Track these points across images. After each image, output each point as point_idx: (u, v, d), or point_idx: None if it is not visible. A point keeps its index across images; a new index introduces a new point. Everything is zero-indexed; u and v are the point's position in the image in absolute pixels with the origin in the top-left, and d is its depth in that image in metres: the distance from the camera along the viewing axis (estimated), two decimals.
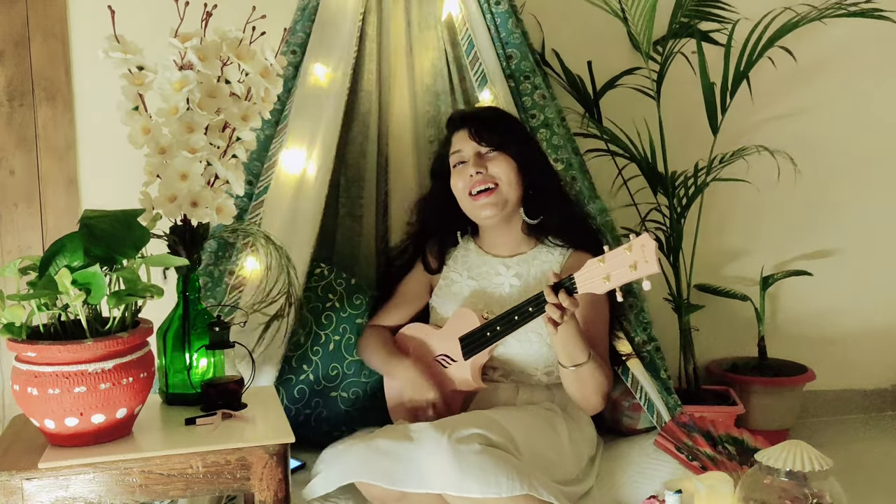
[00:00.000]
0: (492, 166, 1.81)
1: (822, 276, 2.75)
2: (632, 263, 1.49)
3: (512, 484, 1.43)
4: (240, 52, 1.43)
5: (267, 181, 1.89)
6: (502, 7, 2.01)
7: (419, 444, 1.50)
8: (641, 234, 1.49)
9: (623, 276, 1.51)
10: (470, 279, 1.90)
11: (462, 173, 1.83)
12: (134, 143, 1.42)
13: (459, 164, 1.85)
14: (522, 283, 1.85)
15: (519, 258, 1.89)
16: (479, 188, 1.80)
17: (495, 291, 1.86)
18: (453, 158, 1.86)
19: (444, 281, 1.95)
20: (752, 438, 1.80)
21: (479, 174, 1.79)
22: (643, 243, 1.48)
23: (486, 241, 1.93)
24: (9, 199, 2.32)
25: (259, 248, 1.75)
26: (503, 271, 1.88)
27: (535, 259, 1.87)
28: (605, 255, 1.53)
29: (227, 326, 1.46)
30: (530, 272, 1.86)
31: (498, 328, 1.73)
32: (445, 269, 1.96)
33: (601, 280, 1.54)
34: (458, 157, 1.85)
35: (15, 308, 1.23)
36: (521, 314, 1.68)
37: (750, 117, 2.64)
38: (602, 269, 1.54)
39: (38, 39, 2.29)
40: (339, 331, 1.97)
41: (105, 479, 1.25)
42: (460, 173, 1.84)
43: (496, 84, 2.00)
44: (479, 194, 1.81)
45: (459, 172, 1.84)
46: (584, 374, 1.67)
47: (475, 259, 1.92)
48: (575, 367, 1.66)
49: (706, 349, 2.69)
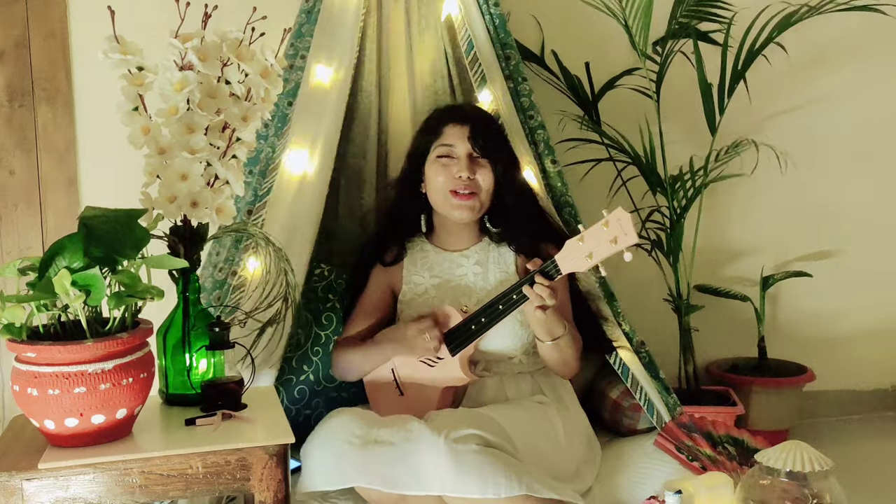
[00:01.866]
0: (479, 173, 1.85)
1: (822, 276, 2.75)
2: (612, 238, 1.54)
3: (510, 484, 1.43)
4: (240, 53, 1.43)
5: (270, 182, 1.89)
6: (501, 8, 2.01)
7: (416, 446, 1.50)
8: (615, 209, 1.54)
9: (605, 251, 1.56)
10: (433, 277, 1.93)
11: (447, 169, 1.85)
12: (134, 143, 1.42)
13: (445, 158, 1.86)
14: (483, 268, 1.91)
15: (475, 248, 1.95)
16: (464, 191, 1.83)
17: (461, 282, 1.91)
18: (440, 150, 1.87)
19: (407, 286, 1.96)
20: (752, 439, 1.80)
21: (469, 179, 1.83)
22: (619, 217, 1.53)
23: (443, 239, 1.97)
24: (9, 199, 2.32)
25: (259, 250, 1.75)
26: (464, 262, 1.93)
27: (490, 245, 1.94)
28: (583, 234, 1.58)
29: (227, 327, 1.46)
30: (488, 257, 1.92)
31: (482, 320, 1.76)
32: (406, 275, 1.96)
33: (584, 258, 1.59)
34: (447, 150, 1.86)
35: (15, 308, 1.23)
36: (506, 303, 1.73)
37: (749, 117, 2.63)
38: (583, 247, 1.59)
39: (38, 39, 2.29)
40: (339, 331, 1.97)
41: (105, 479, 1.25)
42: (445, 168, 1.85)
43: (495, 84, 2.00)
44: (461, 196, 1.83)
45: (444, 167, 1.85)
46: (563, 344, 1.75)
47: (434, 258, 1.96)
48: (554, 340, 1.73)
49: (706, 350, 2.68)
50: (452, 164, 1.84)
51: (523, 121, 2.00)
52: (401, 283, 1.97)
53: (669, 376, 2.09)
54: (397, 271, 1.98)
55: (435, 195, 1.88)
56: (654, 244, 2.46)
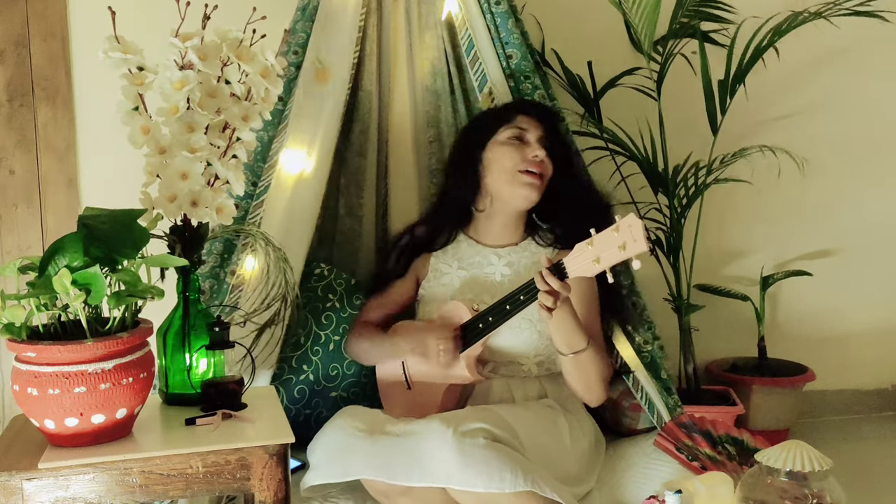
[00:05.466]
0: (546, 161, 1.84)
1: (822, 276, 2.75)
2: (621, 244, 1.49)
3: (515, 479, 1.43)
4: (240, 53, 1.43)
5: (267, 181, 1.89)
6: (502, 7, 2.01)
7: (424, 438, 1.49)
8: (627, 215, 1.50)
9: (613, 257, 1.52)
10: (461, 269, 1.91)
11: (519, 150, 1.83)
12: (133, 143, 1.42)
13: (516, 141, 1.84)
14: (513, 271, 1.86)
15: (510, 248, 1.90)
16: (536, 170, 1.82)
17: (487, 280, 1.87)
18: (510, 132, 1.85)
19: (432, 273, 1.94)
20: (752, 439, 1.80)
21: (542, 160, 1.82)
22: (630, 223, 1.49)
23: (481, 231, 1.94)
24: (9, 199, 2.32)
25: (258, 249, 1.75)
26: (495, 261, 1.89)
27: (526, 250, 1.90)
28: (593, 238, 1.54)
29: (226, 326, 1.46)
30: (521, 262, 1.88)
31: (490, 318, 1.73)
32: (434, 262, 1.95)
33: (591, 263, 1.54)
34: (518, 133, 1.85)
35: (15, 308, 1.23)
36: (513, 303, 1.70)
37: (751, 117, 2.64)
38: (591, 251, 1.55)
39: (38, 39, 2.29)
40: (339, 331, 1.97)
41: (105, 479, 1.25)
42: (516, 149, 1.83)
43: (496, 84, 2.00)
44: (532, 174, 1.82)
45: (515, 148, 1.83)
46: (585, 361, 1.69)
47: (466, 249, 1.93)
48: (574, 354, 1.67)
49: (706, 349, 2.68)
50: (524, 147, 1.83)
51: None
52: (426, 271, 1.96)
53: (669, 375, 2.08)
54: (424, 258, 1.97)
55: (501, 175, 1.84)
56: (655, 243, 2.46)
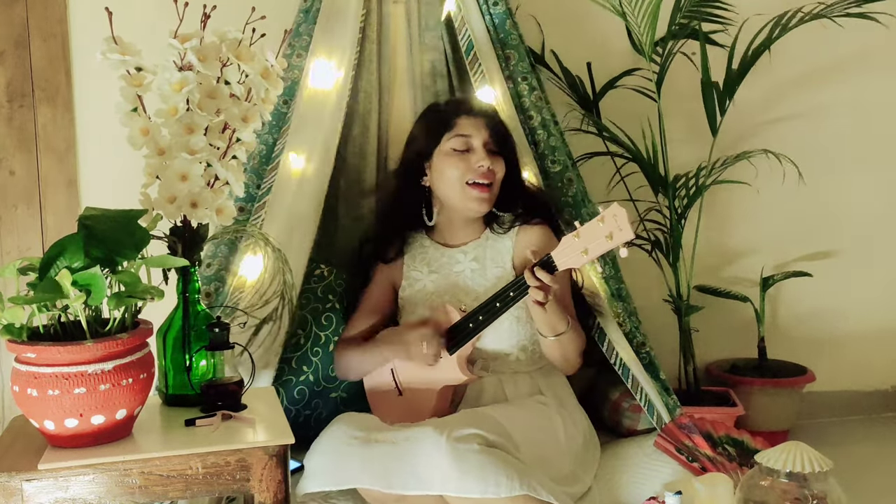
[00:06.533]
0: (494, 164, 1.83)
1: (822, 276, 2.75)
2: (607, 234, 1.53)
3: (511, 484, 1.43)
4: (239, 53, 1.43)
5: (270, 183, 1.89)
6: (500, 8, 2.01)
7: (418, 445, 1.49)
8: (612, 205, 1.53)
9: (600, 247, 1.55)
10: (432, 273, 1.92)
11: (465, 160, 1.81)
12: (133, 144, 1.42)
13: (463, 151, 1.82)
14: (480, 265, 1.89)
15: (473, 244, 1.92)
16: (485, 181, 1.81)
17: (458, 279, 1.89)
18: (456, 142, 1.83)
19: (406, 282, 1.95)
20: (752, 440, 1.80)
21: (489, 170, 1.81)
22: (615, 213, 1.52)
23: (445, 234, 1.95)
24: (9, 199, 2.32)
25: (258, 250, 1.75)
26: (461, 258, 1.91)
27: (488, 240, 1.92)
28: (579, 230, 1.58)
29: (226, 327, 1.46)
30: (486, 254, 1.90)
31: (480, 318, 1.75)
32: (406, 270, 1.96)
33: (579, 254, 1.58)
34: (464, 142, 1.83)
35: (15, 309, 1.23)
36: (503, 300, 1.72)
37: (750, 119, 2.63)
38: (578, 243, 1.58)
39: (38, 40, 2.29)
40: (340, 332, 1.97)
41: (105, 480, 1.25)
42: (462, 160, 1.81)
43: (495, 84, 2.00)
44: (480, 187, 1.81)
45: (462, 158, 1.82)
46: (566, 340, 1.74)
47: (433, 253, 1.94)
48: (557, 336, 1.73)
49: (706, 350, 2.68)
50: (471, 156, 1.81)
51: (523, 121, 2.01)
52: (401, 279, 1.97)
53: (669, 377, 2.08)
54: (398, 267, 1.98)
55: (448, 188, 1.84)
56: (654, 244, 2.46)
